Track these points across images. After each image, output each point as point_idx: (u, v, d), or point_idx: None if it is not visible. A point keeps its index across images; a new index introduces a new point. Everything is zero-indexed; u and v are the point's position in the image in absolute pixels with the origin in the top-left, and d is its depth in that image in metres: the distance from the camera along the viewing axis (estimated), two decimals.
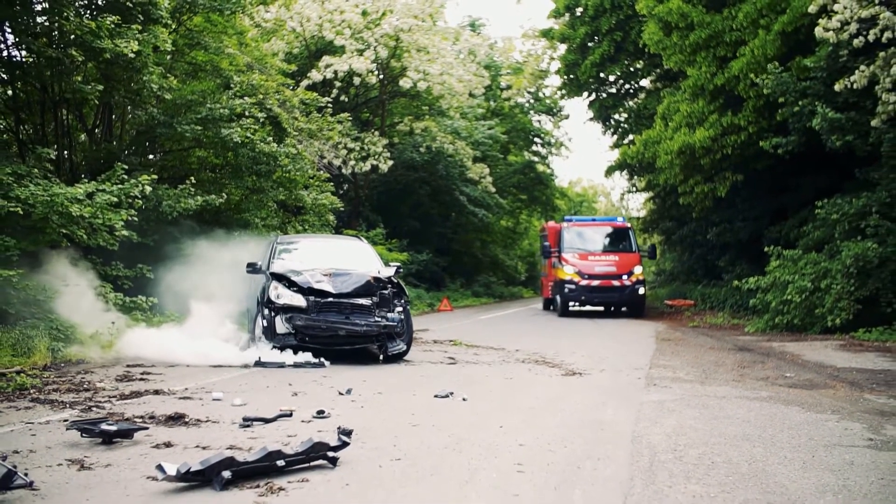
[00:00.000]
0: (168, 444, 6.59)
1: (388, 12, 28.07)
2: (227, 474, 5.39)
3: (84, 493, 5.28)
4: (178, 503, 5.10)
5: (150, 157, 18.08)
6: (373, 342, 12.58)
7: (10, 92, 15.29)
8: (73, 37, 13.08)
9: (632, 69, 32.57)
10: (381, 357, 12.51)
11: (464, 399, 9.15)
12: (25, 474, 5.27)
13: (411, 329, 13.20)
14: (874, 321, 16.82)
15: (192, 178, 16.22)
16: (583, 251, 25.73)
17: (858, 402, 9.36)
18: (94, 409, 8.13)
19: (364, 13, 27.86)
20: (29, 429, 7.20)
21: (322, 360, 11.90)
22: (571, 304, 25.85)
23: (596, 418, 8.18)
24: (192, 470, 5.38)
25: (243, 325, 14.55)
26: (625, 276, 24.88)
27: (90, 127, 17.18)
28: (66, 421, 7.45)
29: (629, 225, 27.39)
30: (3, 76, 15.30)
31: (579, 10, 31.63)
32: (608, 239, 26.79)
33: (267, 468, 5.66)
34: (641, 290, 25.33)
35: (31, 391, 9.12)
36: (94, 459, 6.10)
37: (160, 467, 5.42)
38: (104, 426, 6.70)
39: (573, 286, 24.92)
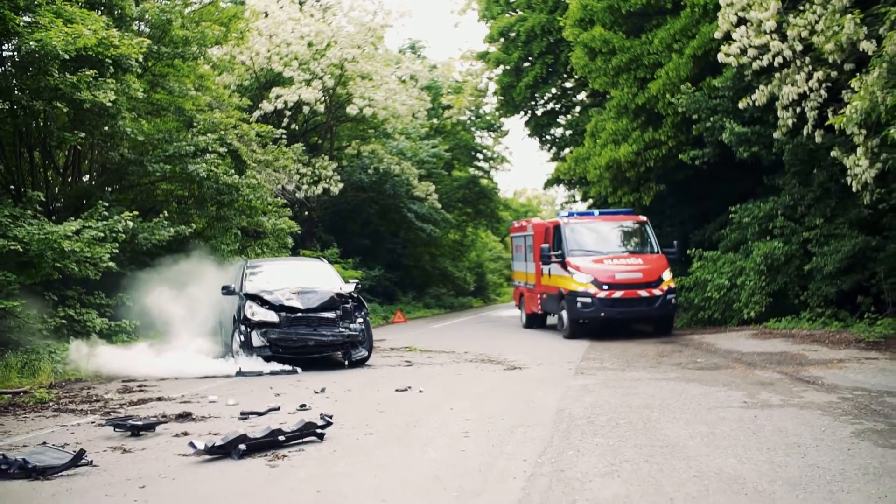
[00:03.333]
0: (185, 433, 8.23)
1: (332, 43, 29.70)
2: (242, 447, 7.08)
3: (133, 466, 6.91)
4: (207, 469, 6.74)
5: (120, 194, 19.48)
6: (338, 350, 14.31)
7: None
8: (57, 91, 14.54)
9: (564, 88, 34.58)
10: (347, 363, 14.27)
11: (420, 391, 10.92)
12: None
13: (372, 337, 14.96)
14: (784, 312, 18.80)
15: (165, 211, 17.72)
16: (596, 254, 19.71)
17: (748, 377, 11.28)
18: (111, 413, 9.71)
19: (310, 44, 29.45)
20: (66, 429, 8.79)
21: (295, 367, 13.62)
22: (583, 321, 19.20)
23: (529, 399, 9.99)
24: (215, 445, 7.08)
25: (217, 340, 16.08)
26: (654, 285, 18.86)
27: (62, 167, 18.57)
28: (93, 423, 9.08)
29: (645, 218, 21.31)
30: None
31: (513, 34, 33.54)
32: (624, 237, 20.82)
33: (272, 442, 7.35)
34: (673, 300, 19.38)
35: (51, 404, 10.65)
36: (131, 446, 7.73)
37: (192, 444, 7.12)
38: (132, 422, 8.34)
39: (588, 299, 18.69)
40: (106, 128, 16.38)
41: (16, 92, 14.96)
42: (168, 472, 6.63)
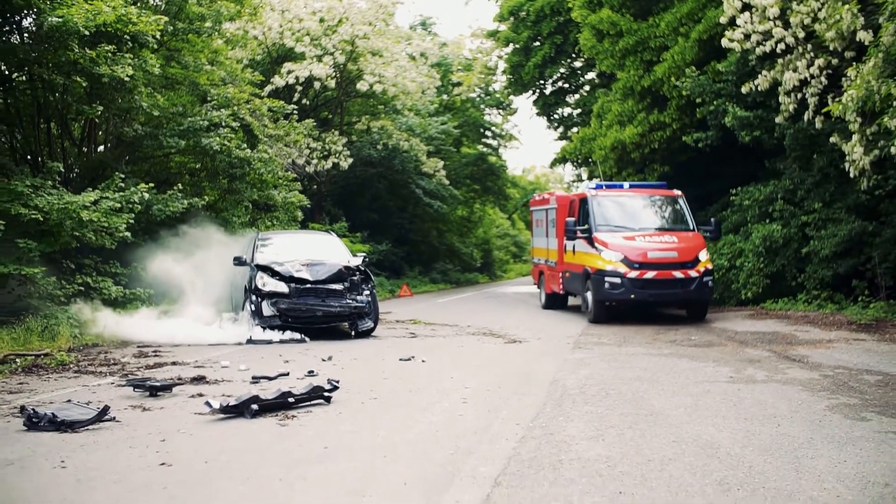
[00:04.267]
0: (200, 395, 8.73)
1: (343, 20, 30.07)
2: (254, 407, 7.58)
3: (153, 422, 7.42)
4: (222, 427, 7.24)
5: (135, 165, 19.96)
6: (345, 321, 14.86)
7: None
8: (76, 65, 14.99)
9: (572, 67, 34.92)
10: (353, 333, 14.81)
11: (423, 361, 11.43)
12: None
13: (378, 309, 15.49)
14: (781, 293, 19.28)
15: (179, 184, 18.20)
16: (626, 230, 17.95)
17: (738, 354, 11.76)
18: (129, 375, 10.23)
19: (321, 20, 29.83)
20: (88, 389, 9.31)
21: (303, 336, 14.16)
22: (611, 303, 17.69)
23: (526, 370, 10.49)
24: (230, 404, 7.59)
25: (228, 309, 16.60)
26: (690, 265, 17.08)
27: (78, 139, 19.04)
28: (112, 384, 9.61)
29: (680, 193, 19.39)
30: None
31: (522, 14, 33.84)
32: (657, 212, 18.98)
33: (282, 404, 7.85)
34: (710, 283, 17.55)
35: (71, 366, 11.17)
36: (150, 405, 8.24)
37: (208, 403, 7.64)
38: (150, 383, 8.86)
39: (617, 279, 17.02)
40: (122, 102, 16.81)
41: (36, 66, 15.39)
42: (186, 429, 7.14)
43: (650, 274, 16.93)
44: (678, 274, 17.00)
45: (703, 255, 17.42)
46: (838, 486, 5.30)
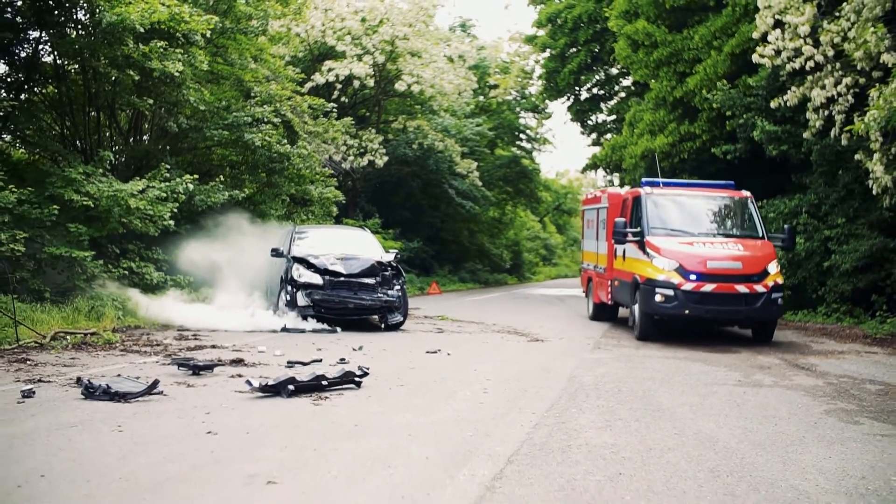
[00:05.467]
0: (239, 375, 9.39)
1: (385, 20, 30.76)
2: (291, 388, 8.21)
3: (196, 397, 8.07)
4: (260, 404, 7.88)
5: (178, 157, 20.71)
6: (376, 314, 15.58)
7: (57, 94, 17.86)
8: (129, 59, 15.73)
9: (608, 74, 35.42)
10: (383, 326, 15.50)
11: (448, 354, 12.04)
12: None
13: (407, 304, 16.14)
14: (801, 305, 19.73)
15: (221, 176, 18.93)
16: (684, 234, 15.63)
17: (749, 360, 12.26)
18: (172, 356, 10.90)
19: (363, 20, 30.54)
20: (135, 366, 10.00)
21: (335, 327, 14.85)
22: (661, 318, 15.11)
23: (546, 367, 11.06)
24: (268, 384, 8.23)
25: (264, 298, 17.30)
26: (756, 278, 14.55)
27: (125, 129, 19.83)
28: (157, 362, 10.31)
29: (749, 194, 16.81)
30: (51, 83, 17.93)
31: (560, 21, 34.38)
32: (721, 216, 16.54)
33: (316, 386, 8.48)
34: (780, 300, 14.89)
35: (117, 345, 11.89)
36: (193, 382, 8.91)
37: (248, 382, 8.30)
38: (193, 362, 9.54)
39: (670, 291, 14.56)
40: (171, 95, 17.52)
41: (92, 59, 16.12)
42: (228, 404, 7.78)
43: (709, 287, 14.32)
44: (742, 288, 14.38)
45: (773, 268, 14.89)
46: (819, 477, 5.83)
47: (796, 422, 7.77)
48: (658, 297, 14.65)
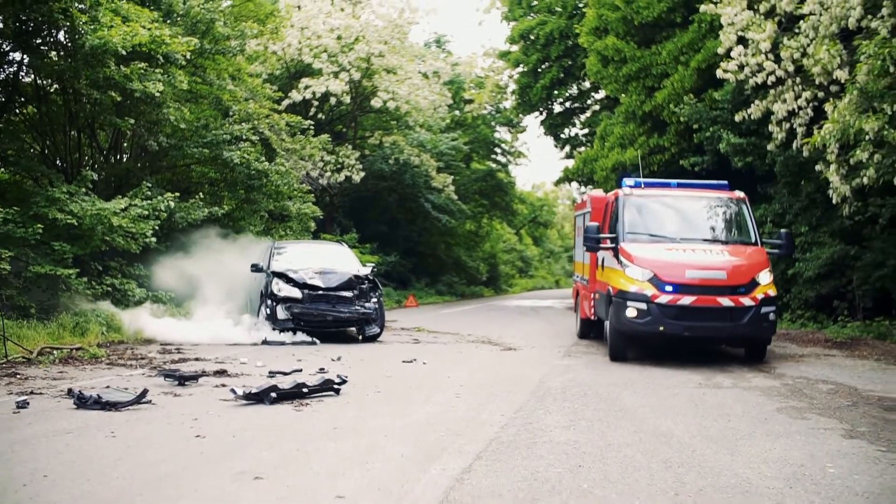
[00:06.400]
0: (223, 385, 9.83)
1: (360, 38, 31.28)
2: (273, 395, 8.66)
3: (183, 405, 8.50)
4: (244, 411, 8.32)
5: (158, 175, 21.10)
6: (353, 326, 16.09)
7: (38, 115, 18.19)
8: (111, 80, 16.14)
9: (581, 89, 36.11)
10: (360, 337, 15.99)
11: (424, 363, 12.54)
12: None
13: (384, 316, 16.63)
14: None
15: (200, 193, 19.35)
16: (664, 240, 13.85)
17: (713, 364, 12.80)
18: (157, 368, 11.31)
19: (339, 38, 31.03)
20: (122, 378, 10.42)
21: (314, 339, 15.33)
22: (633, 334, 13.26)
23: (517, 374, 11.57)
24: (251, 392, 8.67)
25: (245, 312, 17.70)
26: (742, 290, 12.78)
27: (106, 148, 20.19)
28: (143, 374, 10.73)
29: (743, 195, 14.95)
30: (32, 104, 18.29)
31: (533, 37, 35.05)
32: (710, 219, 14.59)
33: (297, 393, 8.93)
34: (772, 316, 13.03)
35: (103, 359, 12.29)
36: (180, 392, 9.34)
37: (233, 390, 8.74)
38: (179, 373, 9.97)
39: (643, 305, 12.83)
40: (152, 114, 17.92)
41: (73, 81, 16.50)
42: (214, 411, 8.22)
43: (687, 299, 12.62)
44: (726, 301, 12.66)
45: (765, 278, 13.11)
46: (762, 466, 6.35)
47: (749, 419, 8.29)
48: (630, 312, 12.91)
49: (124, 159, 20.20)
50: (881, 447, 7.06)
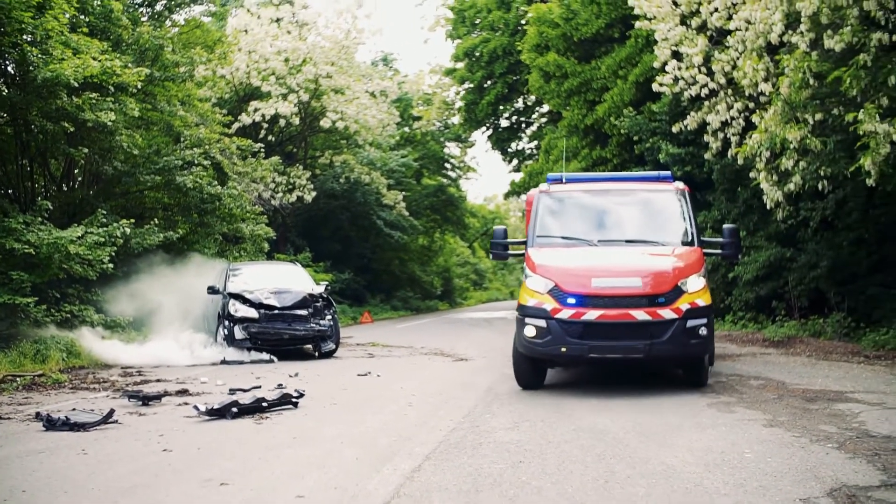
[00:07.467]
0: (186, 403, 10.27)
1: (308, 59, 31.78)
2: (234, 410, 9.13)
3: (149, 423, 8.94)
4: (208, 426, 8.77)
5: (112, 201, 21.38)
6: (309, 343, 16.54)
7: None
8: (63, 111, 16.47)
9: (526, 104, 36.93)
10: (316, 354, 16.46)
11: (378, 376, 13.07)
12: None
13: (339, 333, 17.15)
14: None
15: (155, 219, 19.70)
16: (576, 242, 11.78)
17: (653, 366, 13.44)
18: (120, 391, 11.69)
19: (286, 60, 31.51)
20: (87, 401, 10.80)
21: (272, 357, 15.76)
22: (536, 356, 10.99)
23: (467, 381, 12.14)
24: (213, 408, 9.13)
25: (203, 333, 18.06)
26: (662, 300, 10.38)
27: (59, 177, 20.47)
28: (108, 396, 11.13)
29: (683, 187, 12.80)
30: None
31: (477, 54, 35.81)
32: (639, 216, 12.36)
33: (257, 407, 9.41)
34: (703, 331, 10.58)
35: (66, 384, 12.62)
36: (145, 411, 9.77)
37: (195, 407, 9.20)
38: (143, 393, 10.39)
39: (542, 322, 10.63)
40: (104, 142, 18.25)
41: (25, 112, 16.81)
42: (178, 427, 8.67)
43: (592, 314, 10.39)
44: (641, 314, 10.34)
45: (694, 284, 10.69)
46: (687, 454, 6.96)
47: (681, 414, 8.92)
48: (528, 331, 10.75)
49: (77, 187, 20.48)
50: (796, 433, 7.72)
